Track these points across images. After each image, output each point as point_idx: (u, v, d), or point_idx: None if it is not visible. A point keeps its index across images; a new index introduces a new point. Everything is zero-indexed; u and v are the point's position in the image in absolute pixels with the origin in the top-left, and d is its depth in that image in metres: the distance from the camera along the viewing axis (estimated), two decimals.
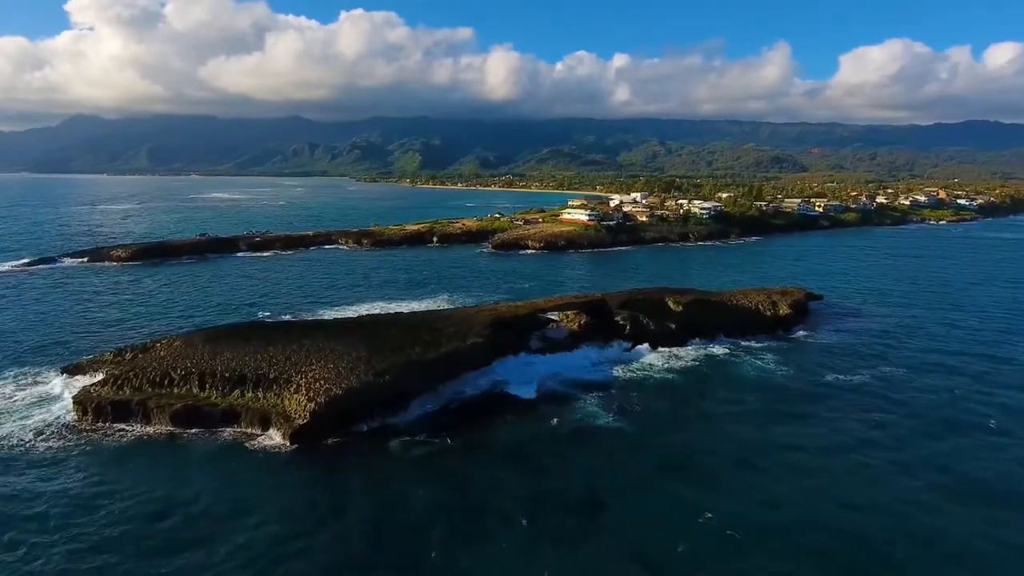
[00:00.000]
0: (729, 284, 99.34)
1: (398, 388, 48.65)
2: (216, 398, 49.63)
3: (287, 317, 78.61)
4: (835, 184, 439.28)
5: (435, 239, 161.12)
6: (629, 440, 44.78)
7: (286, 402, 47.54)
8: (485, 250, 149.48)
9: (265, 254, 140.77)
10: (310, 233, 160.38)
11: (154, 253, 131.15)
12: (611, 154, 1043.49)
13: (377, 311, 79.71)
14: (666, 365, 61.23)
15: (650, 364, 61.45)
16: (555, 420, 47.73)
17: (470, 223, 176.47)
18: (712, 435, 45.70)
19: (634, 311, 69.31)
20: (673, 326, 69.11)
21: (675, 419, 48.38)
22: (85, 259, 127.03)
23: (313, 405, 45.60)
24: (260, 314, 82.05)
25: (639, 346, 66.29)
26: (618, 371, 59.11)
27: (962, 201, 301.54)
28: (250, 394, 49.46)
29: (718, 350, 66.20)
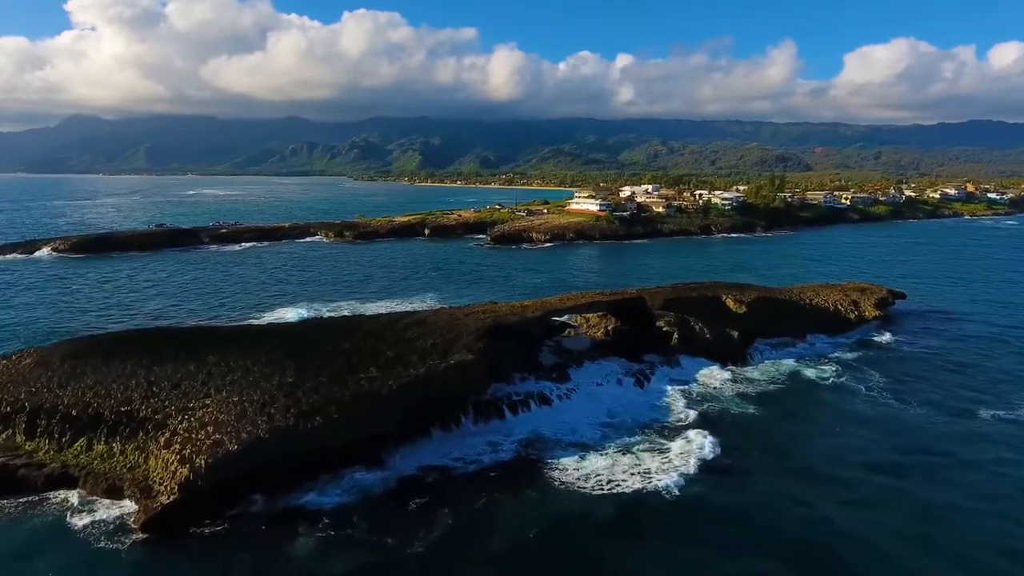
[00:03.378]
0: (778, 280, 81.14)
1: (332, 440, 30.32)
2: (46, 452, 31.48)
3: (238, 321, 60.45)
4: (841, 181, 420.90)
5: (426, 231, 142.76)
6: (728, 533, 26.31)
7: (151, 462, 29.35)
8: (483, 243, 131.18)
9: (234, 247, 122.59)
10: (285, 225, 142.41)
11: (99, 245, 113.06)
12: (613, 153, 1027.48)
13: (344, 314, 61.48)
14: (737, 390, 42.80)
15: (714, 388, 43.05)
16: (589, 486, 29.24)
17: (466, 214, 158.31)
18: (854, 526, 27.11)
19: (682, 313, 51.02)
20: (735, 333, 50.76)
21: (783, 490, 29.77)
22: (18, 252, 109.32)
23: (186, 471, 27.30)
24: (192, 320, 63.95)
25: (693, 361, 47.93)
26: (671, 398, 40.70)
27: (992, 195, 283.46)
28: (101, 446, 31.29)
29: (799, 367, 47.83)
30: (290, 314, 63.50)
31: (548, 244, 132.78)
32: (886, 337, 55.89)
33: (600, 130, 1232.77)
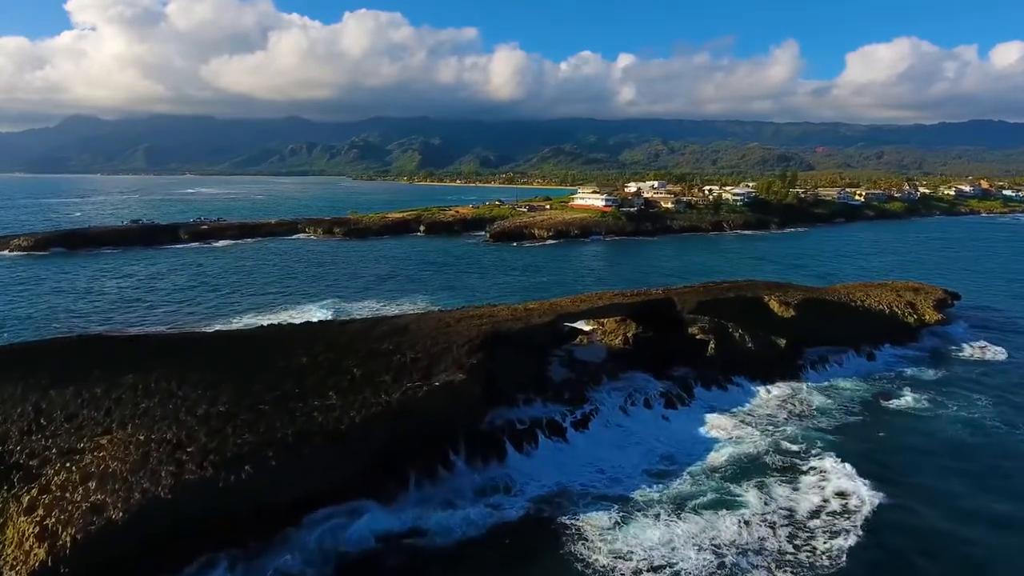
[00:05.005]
0: (813, 279, 72.71)
1: (263, 500, 21.84)
2: None
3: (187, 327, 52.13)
4: (847, 179, 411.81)
5: (422, 228, 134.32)
6: None
7: (8, 532, 20.84)
8: (481, 240, 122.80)
9: (215, 244, 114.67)
10: (271, 221, 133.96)
11: (67, 242, 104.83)
12: (613, 153, 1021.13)
13: (310, 318, 53.04)
14: (805, 420, 33.75)
15: (774, 416, 34.21)
16: (634, 567, 20.64)
17: (464, 211, 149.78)
18: None
19: (718, 317, 42.50)
20: (782, 342, 42.21)
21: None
22: None
23: (43, 553, 18.84)
24: (146, 325, 55.66)
25: (736, 377, 39.41)
26: (722, 430, 32.05)
27: (1007, 192, 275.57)
28: None
29: (870, 386, 39.06)
30: (262, 319, 55.26)
31: (551, 241, 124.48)
32: (962, 346, 47.21)
33: (600, 130, 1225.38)
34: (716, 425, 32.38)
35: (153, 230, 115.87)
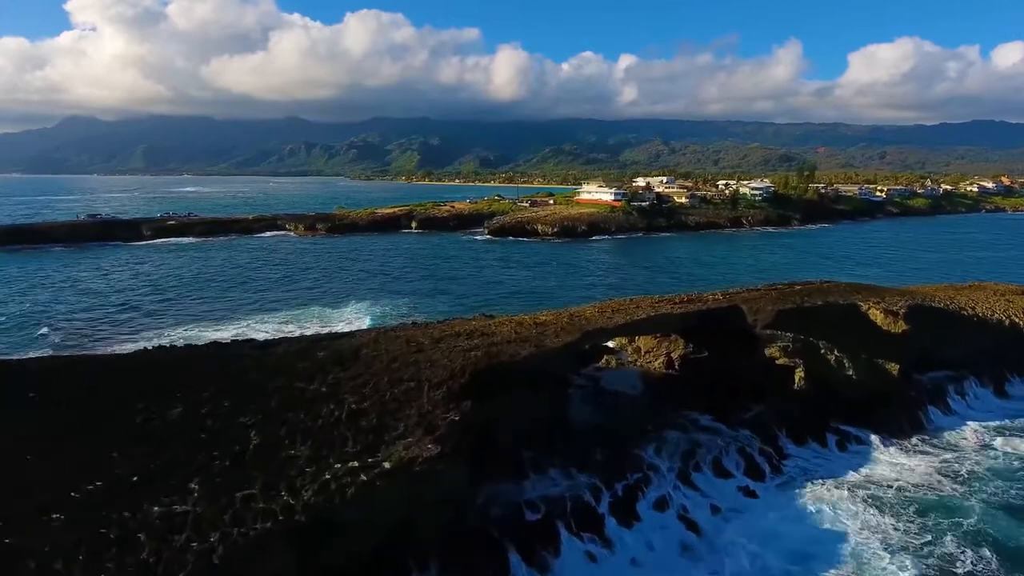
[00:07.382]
0: (870, 278, 60.88)
1: None
2: None
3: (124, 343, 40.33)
4: (862, 177, 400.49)
5: (414, 224, 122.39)
6: None
7: None
8: (479, 237, 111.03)
9: (183, 239, 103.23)
10: (248, 217, 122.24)
11: (11, 239, 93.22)
12: (613, 153, 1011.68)
13: (243, 334, 41.25)
14: (997, 512, 21.68)
15: (923, 502, 22.25)
16: None
17: (461, 206, 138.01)
18: None
19: (802, 334, 30.50)
20: (894, 368, 30.22)
21: None
22: None
23: None
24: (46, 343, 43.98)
25: (838, 426, 27.52)
26: (856, 516, 20.01)
27: None
28: None
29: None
30: (193, 333, 43.76)
31: (556, 239, 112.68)
32: None
33: (601, 130, 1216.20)
34: (833, 509, 20.42)
35: (111, 226, 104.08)
